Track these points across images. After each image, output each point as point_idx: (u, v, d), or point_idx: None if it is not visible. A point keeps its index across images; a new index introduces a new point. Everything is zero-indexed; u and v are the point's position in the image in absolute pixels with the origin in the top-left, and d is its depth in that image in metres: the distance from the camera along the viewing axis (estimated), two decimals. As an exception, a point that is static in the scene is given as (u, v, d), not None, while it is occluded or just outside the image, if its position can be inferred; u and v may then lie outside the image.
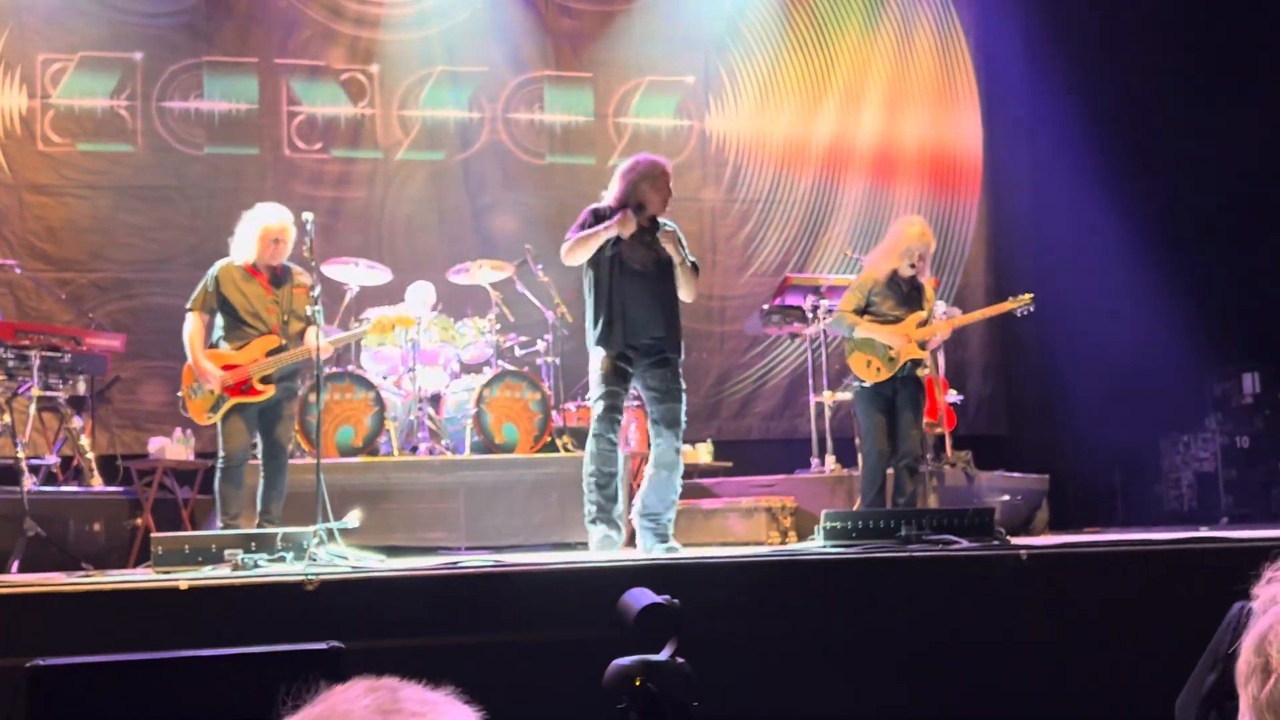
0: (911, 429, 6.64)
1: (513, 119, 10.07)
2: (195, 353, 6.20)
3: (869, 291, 6.75)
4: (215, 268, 6.31)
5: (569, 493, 7.66)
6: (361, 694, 0.96)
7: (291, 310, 6.33)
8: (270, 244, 6.27)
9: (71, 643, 3.86)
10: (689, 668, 2.91)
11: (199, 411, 6.27)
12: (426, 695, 0.96)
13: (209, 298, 6.25)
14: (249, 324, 6.24)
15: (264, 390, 6.22)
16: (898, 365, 6.63)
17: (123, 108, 9.35)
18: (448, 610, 4.16)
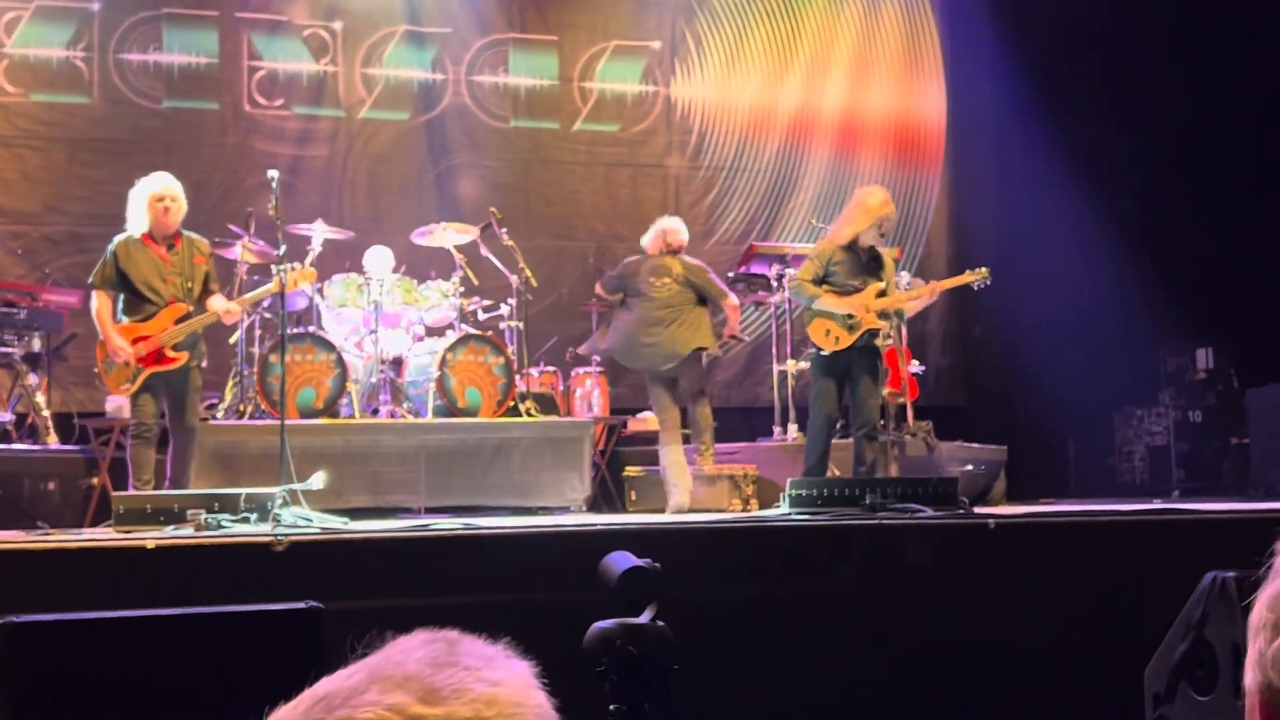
0: (869, 397, 6.67)
1: (477, 81, 9.97)
2: (106, 329, 6.27)
3: (828, 261, 6.75)
4: (113, 242, 6.36)
5: (531, 457, 7.67)
6: (418, 645, 0.95)
7: (192, 276, 6.40)
8: (160, 210, 6.32)
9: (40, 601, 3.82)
10: (669, 631, 2.92)
11: (116, 383, 6.36)
12: (484, 649, 0.96)
13: (110, 272, 6.30)
14: (147, 296, 6.30)
15: (177, 357, 6.30)
16: (857, 334, 6.64)
17: (79, 59, 9.16)
18: (420, 572, 4.15)
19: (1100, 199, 9.81)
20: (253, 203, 8.32)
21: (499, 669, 0.95)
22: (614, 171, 10.20)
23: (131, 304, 6.31)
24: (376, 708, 0.89)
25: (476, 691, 0.91)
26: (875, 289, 6.68)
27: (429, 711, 0.89)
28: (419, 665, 0.93)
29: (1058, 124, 9.92)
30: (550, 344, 8.89)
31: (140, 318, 6.28)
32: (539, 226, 9.77)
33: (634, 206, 10.20)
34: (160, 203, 6.32)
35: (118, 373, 6.28)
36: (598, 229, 10.07)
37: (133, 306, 6.31)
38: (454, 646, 0.96)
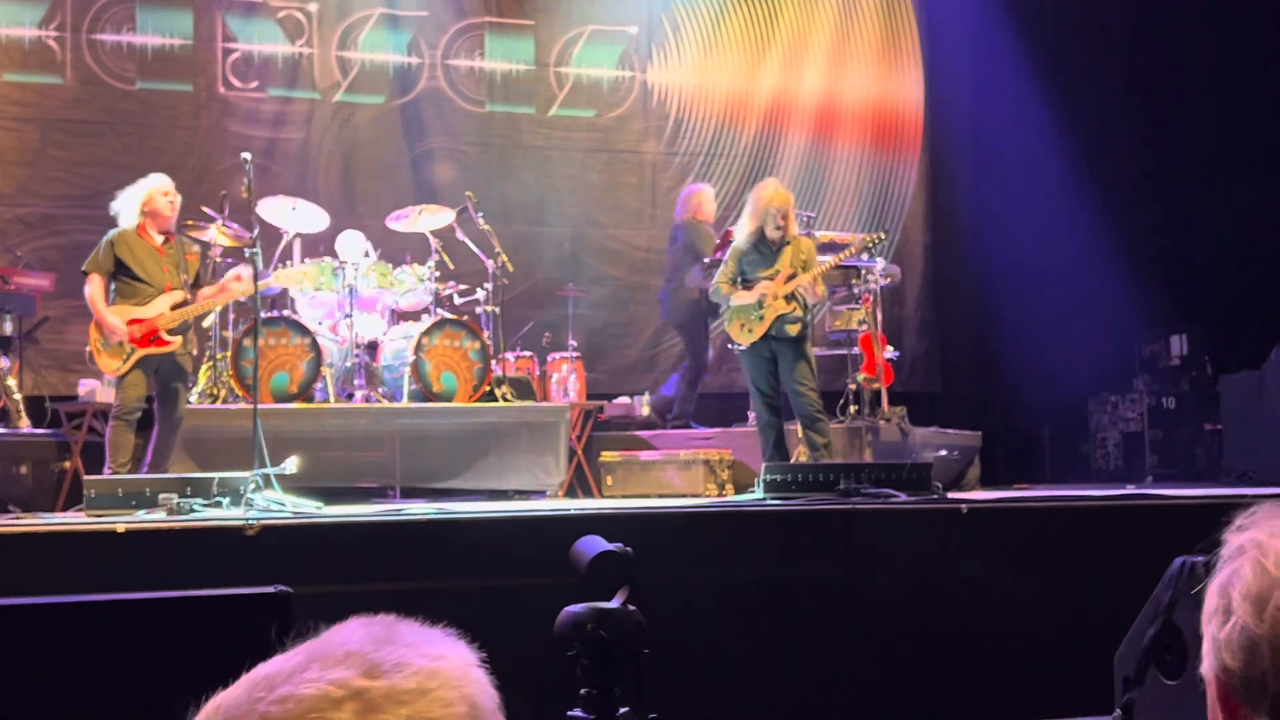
0: (800, 387, 6.75)
1: (452, 65, 9.92)
2: (101, 310, 6.44)
3: (739, 259, 6.92)
4: (110, 234, 6.56)
5: (506, 441, 7.68)
6: (357, 627, 0.96)
7: (186, 269, 6.64)
8: (165, 204, 6.58)
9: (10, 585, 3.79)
10: (640, 616, 2.92)
11: (109, 363, 6.47)
12: (423, 630, 0.96)
13: (106, 260, 6.49)
14: (144, 279, 6.50)
15: (172, 342, 6.46)
16: (767, 323, 6.75)
17: (51, 38, 9.06)
18: (394, 557, 4.14)
19: (1076, 186, 9.85)
20: (226, 185, 8.24)
21: (439, 645, 0.96)
22: (590, 157, 10.17)
23: (128, 289, 6.49)
24: (319, 683, 0.89)
25: (418, 665, 0.92)
26: (783, 277, 6.77)
27: (372, 684, 0.89)
28: (359, 644, 0.93)
29: (1035, 111, 9.95)
30: (527, 329, 8.87)
31: (136, 301, 6.46)
32: (514, 212, 9.73)
33: (609, 192, 10.18)
34: (165, 196, 6.58)
35: (112, 352, 6.41)
36: (573, 214, 10.05)
37: (129, 291, 6.49)
38: (392, 628, 0.96)
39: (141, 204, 6.55)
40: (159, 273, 6.54)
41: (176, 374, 6.57)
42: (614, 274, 10.06)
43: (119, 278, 6.50)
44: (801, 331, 6.83)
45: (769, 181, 7.19)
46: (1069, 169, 9.84)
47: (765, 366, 6.85)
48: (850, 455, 7.60)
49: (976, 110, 10.73)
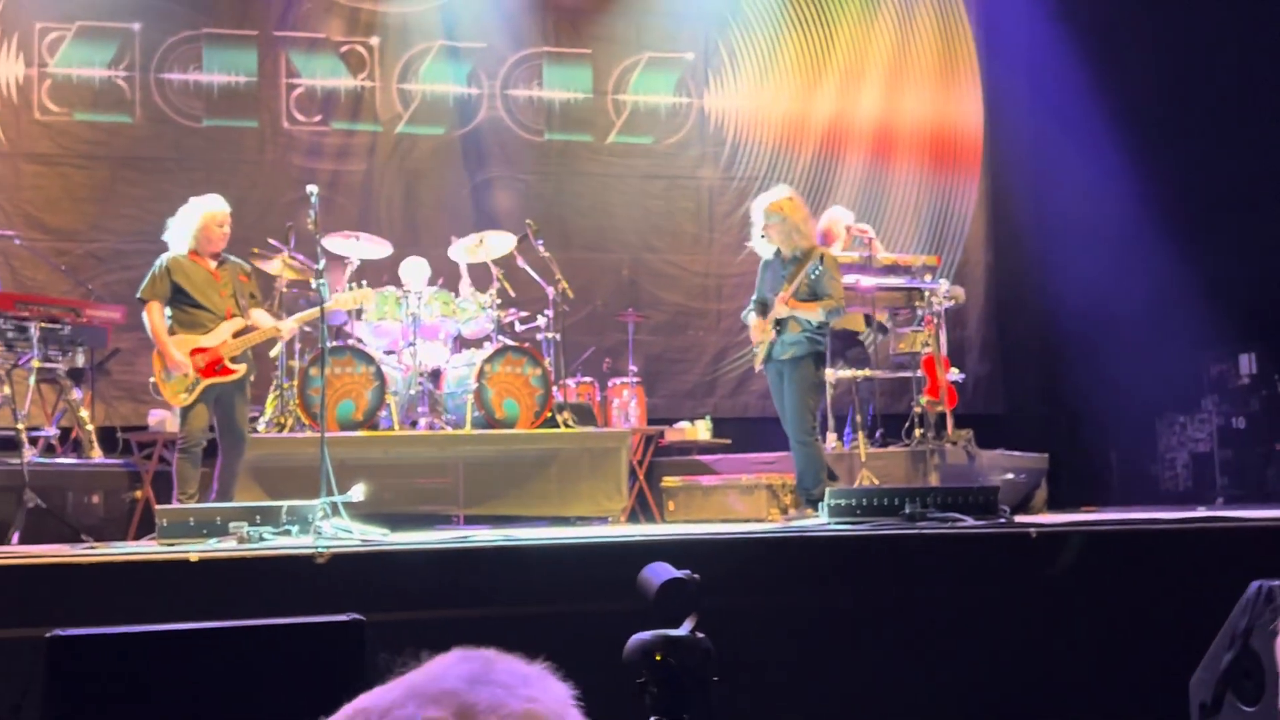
0: (789, 408, 6.60)
1: (511, 95, 10.03)
2: (164, 342, 6.38)
3: (760, 280, 6.83)
4: (163, 259, 6.50)
5: (568, 468, 7.70)
6: (456, 662, 0.96)
7: (241, 292, 6.58)
8: (220, 233, 6.52)
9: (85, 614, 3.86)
10: (709, 643, 2.92)
11: (173, 394, 6.43)
12: (521, 667, 0.96)
13: (162, 285, 6.42)
14: (204, 307, 6.45)
15: (236, 370, 6.43)
16: (764, 349, 6.68)
17: (121, 78, 9.29)
18: (461, 584, 4.17)
19: (1141, 203, 9.72)
20: (291, 217, 8.39)
21: (535, 687, 0.95)
22: (647, 183, 10.22)
23: (188, 317, 6.44)
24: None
25: (511, 708, 0.92)
26: (781, 297, 6.60)
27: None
28: (456, 681, 0.94)
29: (1097, 128, 9.84)
30: (587, 355, 8.92)
31: (200, 331, 6.42)
32: (573, 239, 9.81)
33: (667, 218, 10.22)
34: (221, 227, 6.53)
35: (176, 384, 6.38)
36: (631, 241, 10.10)
37: (189, 320, 6.43)
38: (491, 664, 0.96)
39: (195, 228, 6.48)
40: (218, 299, 6.49)
41: (236, 397, 6.49)
42: (672, 299, 10.09)
43: (177, 304, 6.44)
44: (800, 353, 6.57)
45: (774, 189, 6.93)
46: (1133, 186, 9.71)
47: (776, 388, 6.76)
48: (915, 479, 7.55)
49: (1037, 128, 10.64)
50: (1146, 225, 9.63)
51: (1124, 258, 9.72)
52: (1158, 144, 9.80)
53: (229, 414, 6.48)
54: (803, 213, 6.73)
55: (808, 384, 6.63)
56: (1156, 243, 9.57)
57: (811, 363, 6.63)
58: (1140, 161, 9.73)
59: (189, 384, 6.36)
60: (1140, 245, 9.65)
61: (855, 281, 7.95)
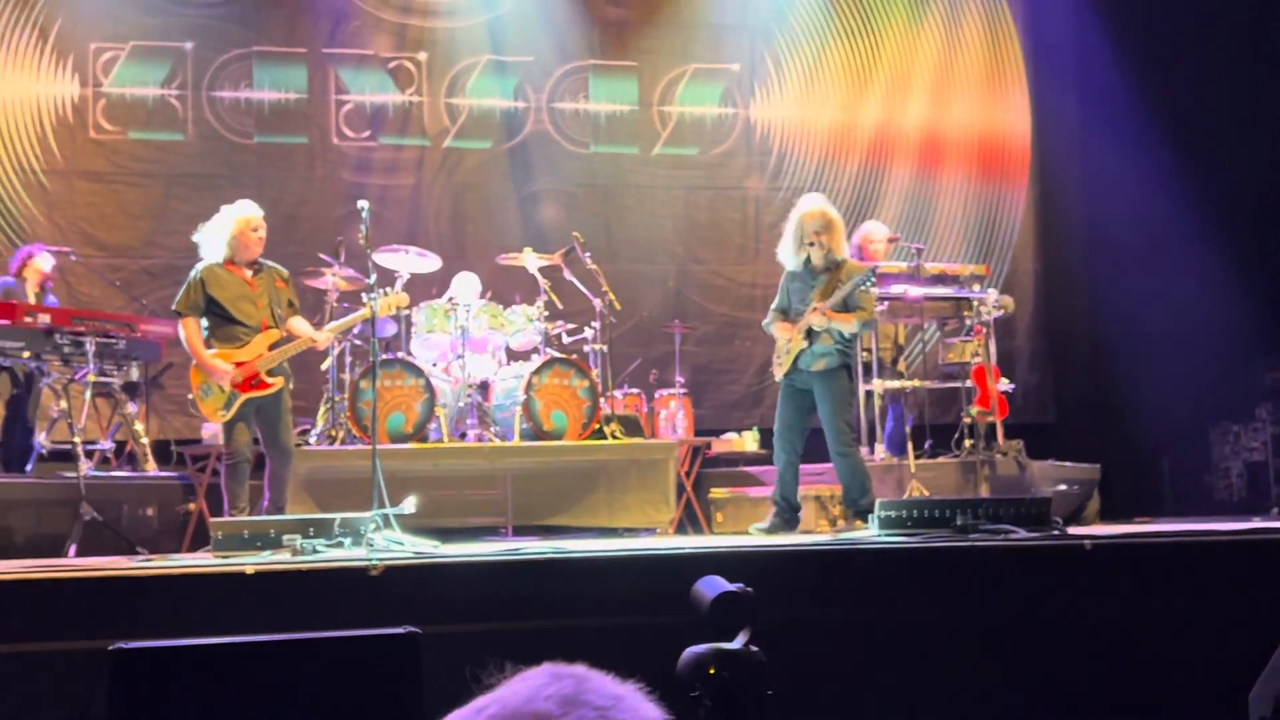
0: (831, 416, 6.51)
1: (558, 108, 10.09)
2: (200, 354, 6.33)
3: (784, 289, 6.73)
4: (197, 269, 6.44)
5: (616, 479, 7.72)
6: (547, 680, 0.96)
7: (278, 301, 6.50)
8: (255, 238, 6.44)
9: (143, 626, 3.92)
10: (763, 656, 2.92)
11: (212, 411, 6.41)
12: (613, 687, 0.96)
13: (196, 297, 6.37)
14: (240, 320, 6.39)
15: (273, 383, 6.38)
16: (791, 357, 6.58)
17: (173, 97, 9.44)
18: (513, 596, 4.19)
19: (1193, 208, 9.61)
20: (342, 232, 8.50)
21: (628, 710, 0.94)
22: (693, 194, 10.25)
23: (224, 330, 6.39)
24: None
25: None
26: (812, 307, 6.54)
27: None
28: (549, 704, 0.93)
29: (1146, 134, 9.75)
30: (634, 366, 8.94)
31: (235, 344, 6.38)
32: (620, 250, 9.85)
33: (713, 229, 10.24)
34: (255, 232, 6.46)
35: (213, 400, 6.36)
36: (678, 252, 10.12)
37: (225, 333, 6.39)
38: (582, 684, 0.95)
39: (230, 236, 6.42)
40: (254, 310, 6.40)
41: (279, 407, 6.43)
42: (719, 310, 10.10)
43: (212, 316, 6.38)
44: (833, 364, 6.52)
45: (808, 197, 6.84)
46: (1184, 192, 9.61)
47: (792, 399, 6.63)
48: (965, 490, 7.50)
49: (1086, 134, 10.56)
50: (1198, 231, 9.52)
51: (1175, 264, 9.61)
52: (1208, 148, 9.69)
53: (272, 428, 6.44)
54: (841, 223, 6.72)
55: (844, 396, 6.61)
56: (1208, 249, 9.46)
57: (845, 374, 6.61)
58: (1191, 166, 9.63)
59: (225, 400, 6.31)
60: (1192, 251, 9.54)
61: (903, 291, 7.92)
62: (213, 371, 6.29)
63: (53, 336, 7.31)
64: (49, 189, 9.16)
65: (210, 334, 6.39)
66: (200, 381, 6.39)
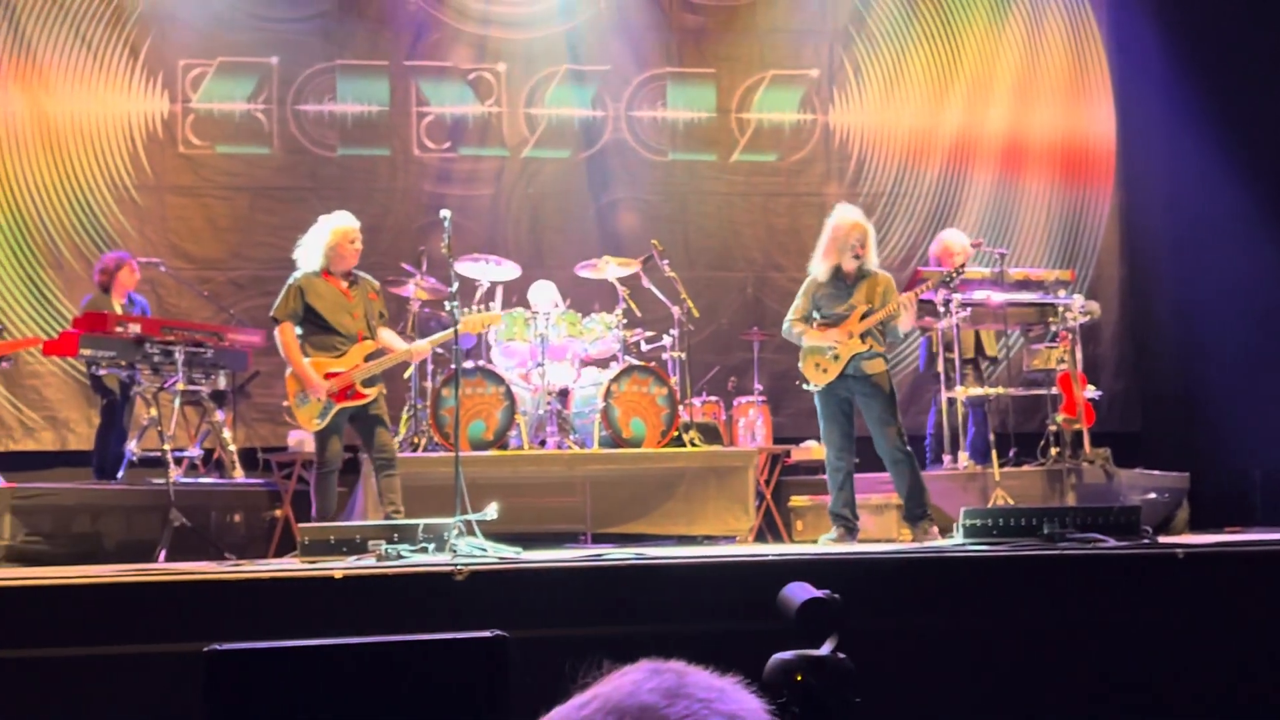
0: (882, 428, 6.48)
1: (635, 116, 10.12)
2: (298, 362, 6.40)
3: (814, 295, 6.69)
4: (295, 277, 6.53)
5: (695, 486, 7.70)
6: (647, 675, 0.96)
7: (370, 312, 6.57)
8: (352, 249, 6.53)
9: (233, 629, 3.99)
10: (851, 664, 2.89)
11: (307, 419, 6.47)
12: (713, 681, 0.96)
13: (294, 305, 6.44)
14: (337, 330, 6.45)
15: (367, 394, 6.44)
16: (842, 363, 6.52)
17: (259, 111, 9.62)
18: (597, 602, 4.19)
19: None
20: (423, 242, 8.61)
21: (731, 702, 0.94)
22: (772, 201, 10.21)
23: (320, 339, 6.47)
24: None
25: None
26: (857, 314, 6.52)
27: None
28: (652, 696, 0.93)
29: (1236, 135, 9.53)
30: (712, 374, 8.93)
31: (332, 355, 6.45)
32: (698, 257, 9.85)
33: (792, 236, 10.18)
34: (352, 243, 6.56)
35: (309, 409, 6.43)
36: (756, 259, 10.09)
37: (322, 342, 6.46)
38: (683, 678, 0.96)
39: (327, 246, 6.51)
40: (350, 321, 6.48)
41: (374, 419, 6.50)
42: (798, 317, 10.03)
43: (309, 325, 6.45)
44: (883, 368, 6.56)
45: (845, 208, 6.83)
46: (1272, 193, 9.38)
47: (841, 408, 6.61)
48: (1051, 499, 7.37)
49: (1171, 137, 10.35)
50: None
51: (1264, 268, 9.38)
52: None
53: (371, 436, 6.51)
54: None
55: (894, 398, 6.63)
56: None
57: (890, 378, 6.64)
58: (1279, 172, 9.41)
59: (321, 409, 6.39)
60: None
61: (986, 297, 7.82)
62: (307, 383, 6.36)
63: (143, 346, 7.46)
64: (140, 203, 9.38)
65: (307, 342, 6.47)
66: (297, 389, 6.46)
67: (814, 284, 6.70)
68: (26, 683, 4.10)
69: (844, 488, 6.61)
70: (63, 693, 4.11)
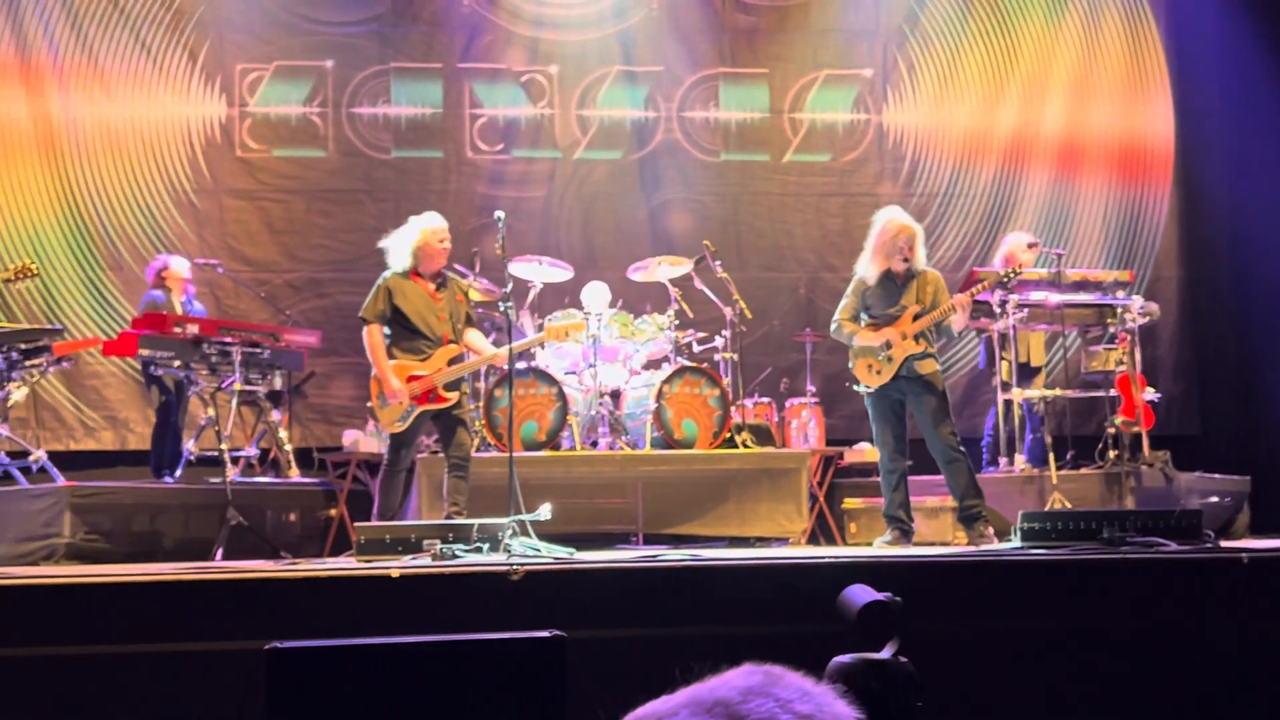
0: (935, 429, 6.41)
1: (688, 117, 10.11)
2: (382, 366, 6.39)
3: (863, 294, 6.64)
4: (384, 278, 6.52)
5: (747, 488, 7.68)
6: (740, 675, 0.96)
7: (458, 316, 6.57)
8: (441, 249, 6.53)
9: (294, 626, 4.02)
10: (912, 667, 2.87)
11: (389, 421, 6.47)
12: (805, 684, 0.96)
13: (382, 305, 6.44)
14: (422, 333, 6.45)
15: (450, 398, 6.44)
16: (896, 364, 6.46)
17: (315, 114, 9.71)
18: (651, 603, 4.19)
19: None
20: (476, 244, 8.66)
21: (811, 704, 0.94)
22: (825, 201, 10.16)
23: (406, 341, 6.45)
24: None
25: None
26: (909, 314, 6.47)
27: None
28: (730, 691, 0.94)
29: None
30: (764, 375, 8.90)
31: (418, 357, 6.44)
32: (750, 258, 9.82)
33: (845, 236, 10.11)
34: (441, 243, 6.55)
35: (391, 410, 6.41)
36: (809, 260, 10.05)
37: (408, 344, 6.45)
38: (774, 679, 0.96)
39: (414, 246, 6.49)
40: (436, 323, 6.46)
41: (455, 421, 6.50)
42: (851, 318, 9.98)
43: (396, 327, 6.45)
44: (935, 368, 6.52)
45: (893, 210, 6.80)
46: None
47: (893, 409, 6.56)
48: (1109, 502, 7.28)
49: (1231, 138, 10.20)
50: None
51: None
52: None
53: (450, 435, 6.51)
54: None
55: (946, 398, 6.60)
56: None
57: (941, 378, 6.61)
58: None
59: (403, 412, 6.39)
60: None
61: (1044, 298, 7.74)
62: (387, 388, 6.36)
63: (200, 346, 7.55)
64: (199, 207, 9.50)
65: (393, 343, 6.46)
66: (380, 390, 6.45)
67: (862, 284, 6.68)
68: (91, 679, 4.16)
69: (898, 490, 6.57)
70: (124, 689, 4.17)
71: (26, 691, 4.13)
